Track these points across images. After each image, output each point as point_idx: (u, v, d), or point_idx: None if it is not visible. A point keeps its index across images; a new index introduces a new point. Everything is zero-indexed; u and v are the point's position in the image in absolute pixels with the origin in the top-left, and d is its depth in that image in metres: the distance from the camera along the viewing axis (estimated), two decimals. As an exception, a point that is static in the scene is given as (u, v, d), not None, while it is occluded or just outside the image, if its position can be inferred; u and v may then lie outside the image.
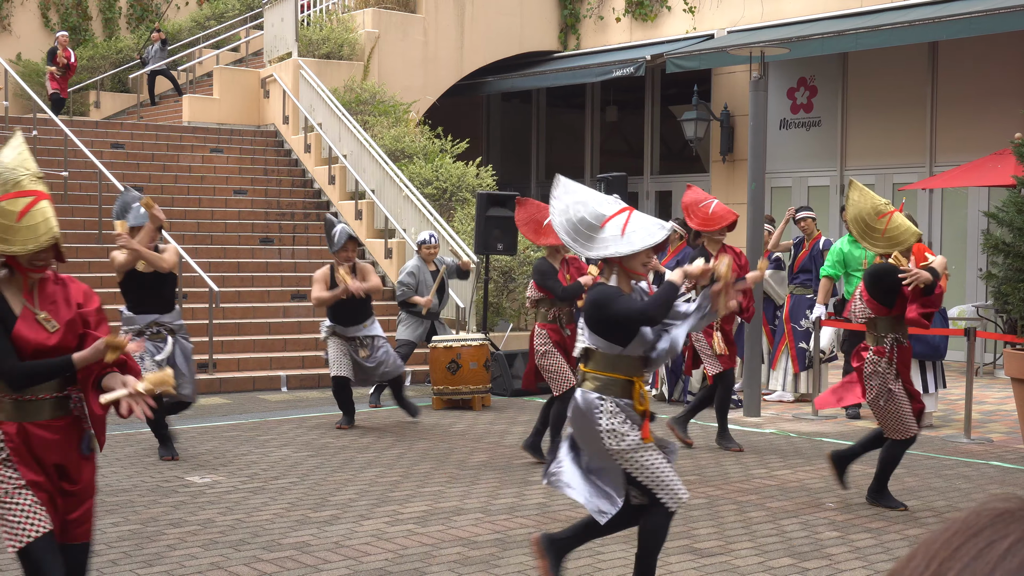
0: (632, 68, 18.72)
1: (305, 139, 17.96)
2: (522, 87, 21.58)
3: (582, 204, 4.94)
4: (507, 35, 21.01)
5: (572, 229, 4.94)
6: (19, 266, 4.10)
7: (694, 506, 7.17)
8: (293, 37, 18.85)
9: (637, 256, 4.90)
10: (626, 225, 4.88)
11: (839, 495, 7.52)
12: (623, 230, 4.86)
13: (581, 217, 4.91)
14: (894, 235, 6.90)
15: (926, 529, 6.68)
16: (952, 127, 16.55)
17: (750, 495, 7.54)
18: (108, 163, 15.91)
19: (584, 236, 4.92)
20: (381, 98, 18.74)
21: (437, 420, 10.73)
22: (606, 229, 4.89)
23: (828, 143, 18.03)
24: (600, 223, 4.90)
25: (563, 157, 23.63)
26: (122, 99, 24.13)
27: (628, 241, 4.85)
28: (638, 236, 4.85)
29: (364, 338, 9.98)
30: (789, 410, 11.55)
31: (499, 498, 7.38)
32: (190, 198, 16.42)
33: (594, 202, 4.95)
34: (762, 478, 8.12)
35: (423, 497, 7.35)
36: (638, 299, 4.97)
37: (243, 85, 19.77)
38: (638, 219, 4.92)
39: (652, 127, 21.15)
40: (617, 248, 4.85)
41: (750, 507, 7.18)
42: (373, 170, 16.48)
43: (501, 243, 12.80)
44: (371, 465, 8.45)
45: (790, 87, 18.46)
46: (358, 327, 9.96)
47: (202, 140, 18.24)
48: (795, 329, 11.96)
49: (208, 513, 6.88)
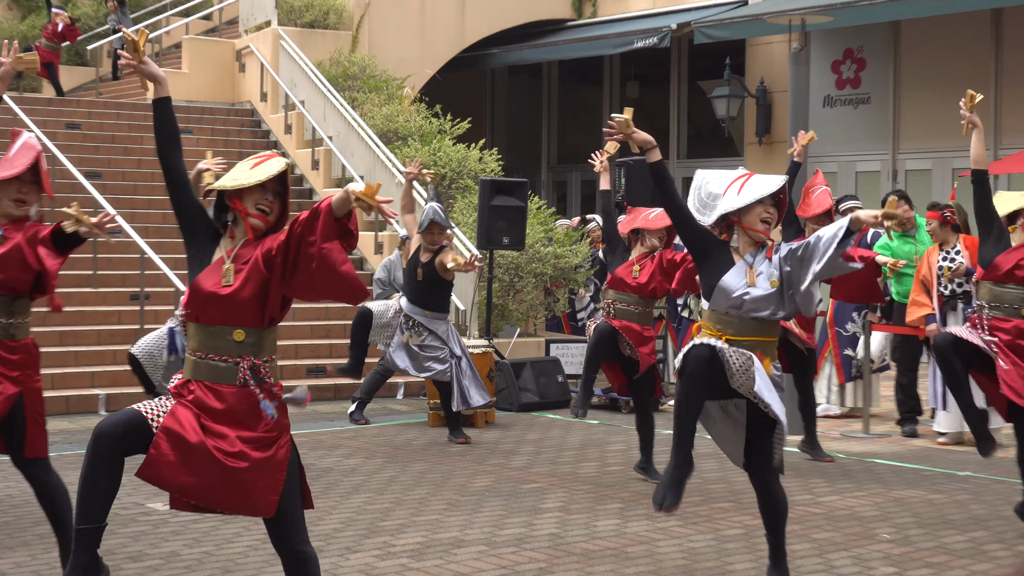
0: (656, 38, 18.64)
1: (285, 119, 17.89)
2: (531, 60, 21.51)
3: (711, 178, 5.70)
4: (514, 1, 20.94)
5: (698, 200, 5.68)
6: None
7: (729, 537, 7.08)
8: (272, 3, 18.80)
9: (752, 210, 5.50)
10: (744, 184, 5.54)
11: (896, 524, 7.42)
12: (740, 188, 5.52)
13: (708, 191, 5.65)
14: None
15: (995, 564, 6.59)
16: (1019, 105, 16.43)
17: (792, 525, 7.43)
18: (63, 146, 15.83)
19: (705, 205, 5.65)
20: (372, 72, 18.67)
21: (434, 438, 10.64)
22: (727, 193, 5.56)
23: (878, 123, 17.93)
24: (722, 190, 5.58)
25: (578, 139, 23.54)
26: (79, 73, 24.08)
27: (741, 197, 5.49)
28: (750, 190, 5.49)
29: (419, 322, 10.39)
30: (836, 426, 11.45)
31: (505, 528, 7.29)
32: (155, 185, 16.34)
33: (721, 176, 5.69)
34: (806, 505, 8.02)
35: (418, 527, 7.27)
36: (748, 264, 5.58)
37: (216, 58, 19.71)
38: (757, 178, 5.59)
39: (678, 105, 21.06)
40: (730, 203, 5.50)
41: (793, 538, 7.07)
42: (362, 154, 16.40)
43: (507, 236, 12.73)
44: (358, 490, 8.37)
45: (835, 60, 18.37)
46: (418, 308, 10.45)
47: (169, 120, 18.16)
48: (840, 334, 11.87)
49: (172, 545, 6.79)
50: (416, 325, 10.36)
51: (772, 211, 5.50)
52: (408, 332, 10.34)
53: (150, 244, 13.67)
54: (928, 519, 7.61)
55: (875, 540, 7.10)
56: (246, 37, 19.51)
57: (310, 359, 13.52)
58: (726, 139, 19.99)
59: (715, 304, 5.64)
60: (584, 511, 7.75)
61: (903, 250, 10.88)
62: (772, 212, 5.50)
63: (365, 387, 11.42)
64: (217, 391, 4.47)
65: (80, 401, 11.67)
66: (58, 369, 11.85)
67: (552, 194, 23.12)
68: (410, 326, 10.36)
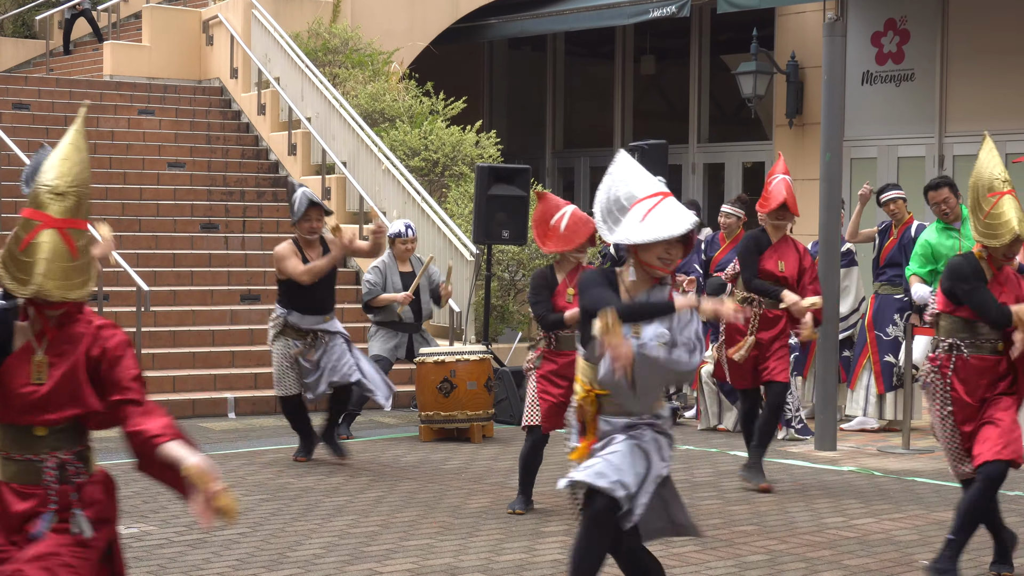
0: (674, 7, 18.70)
1: (259, 98, 17.98)
2: (534, 31, 21.55)
3: (624, 183, 5.31)
4: (515, -35, 21.02)
5: (605, 209, 5.31)
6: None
7: (751, 564, 7.18)
8: (243, -32, 18.88)
9: (652, 248, 5.18)
10: (651, 211, 5.19)
11: (936, 550, 7.50)
12: (645, 215, 5.18)
13: (617, 197, 5.29)
14: (991, 224, 6.85)
15: (1046, 593, 6.66)
16: (1081, 82, 16.50)
17: (822, 550, 7.54)
18: (9, 128, 15.96)
19: (612, 218, 5.28)
20: (355, 46, 18.77)
21: (426, 455, 10.73)
22: (631, 212, 5.21)
23: (923, 102, 17.99)
24: (630, 204, 5.23)
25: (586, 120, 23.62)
26: (27, 46, 24.21)
27: (643, 228, 5.16)
28: (655, 225, 5.15)
29: (321, 334, 9.97)
30: (873, 441, 11.55)
31: (503, 554, 7.38)
32: (113, 172, 16.46)
33: (637, 183, 5.29)
34: (838, 528, 8.11)
35: (408, 552, 7.36)
36: (616, 296, 5.22)
37: (180, 29, 19.80)
38: (667, 207, 5.20)
39: (699, 82, 21.13)
40: (629, 234, 5.18)
41: (823, 565, 7.17)
42: (345, 137, 16.50)
43: (507, 229, 12.81)
44: (342, 511, 8.46)
45: (875, 31, 18.43)
46: (319, 318, 9.97)
47: (128, 99, 18.27)
48: (880, 338, 11.96)
49: (135, 573, 6.87)
50: (316, 338, 10.01)
51: (675, 251, 5.21)
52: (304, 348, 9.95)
53: (108, 238, 13.76)
54: (972, 543, 7.67)
55: (913, 567, 7.18)
56: (214, 6, 19.60)
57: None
58: (752, 120, 20.05)
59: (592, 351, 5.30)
60: (592, 535, 7.83)
61: (945, 244, 10.92)
62: (675, 252, 5.21)
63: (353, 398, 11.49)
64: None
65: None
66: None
67: (558, 182, 23.20)
68: (309, 342, 9.99)
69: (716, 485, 9.44)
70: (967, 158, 17.62)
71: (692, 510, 8.45)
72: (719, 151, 20.72)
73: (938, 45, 17.86)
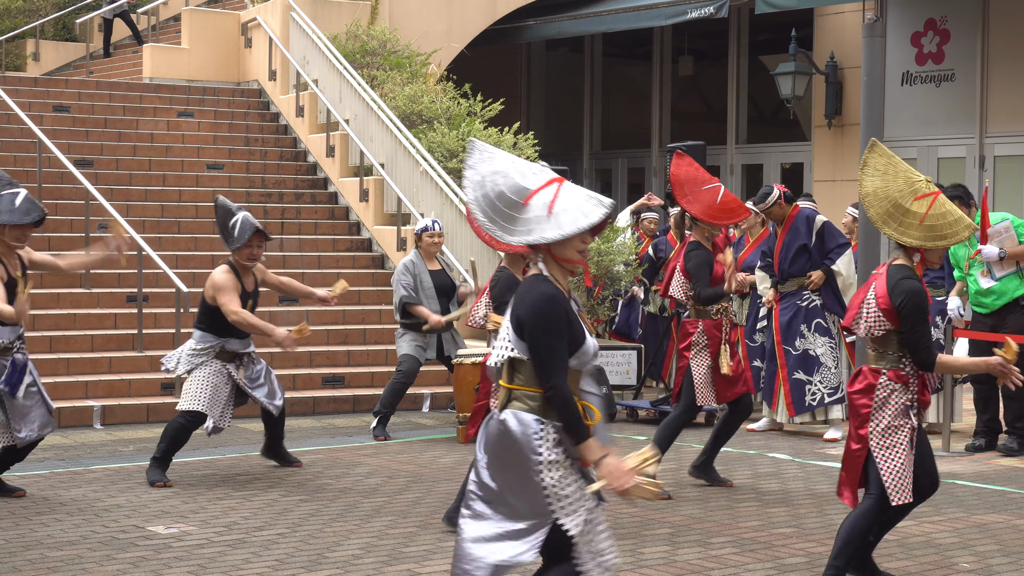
0: (712, 8, 18.69)
1: (297, 100, 18.05)
2: (572, 32, 21.58)
3: (502, 175, 4.91)
4: (553, -33, 21.04)
5: (490, 208, 4.91)
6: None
7: (791, 566, 7.16)
8: (282, -29, 18.95)
9: (569, 242, 4.87)
10: (554, 202, 4.84)
11: (977, 553, 7.48)
12: (550, 208, 4.83)
13: (500, 192, 4.89)
14: (936, 224, 6.62)
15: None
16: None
17: (862, 553, 7.52)
18: (49, 131, 16.05)
19: (504, 216, 4.89)
20: (393, 47, 18.81)
21: (463, 456, 10.74)
22: (530, 207, 4.86)
23: (964, 103, 17.92)
24: (523, 199, 4.86)
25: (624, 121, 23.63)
26: (67, 50, 24.37)
27: (556, 223, 4.82)
28: (568, 216, 4.81)
29: (246, 356, 9.93)
30: (913, 444, 11.49)
31: (542, 555, 7.39)
32: (152, 174, 16.55)
33: (516, 172, 4.91)
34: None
35: (446, 553, 7.37)
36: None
37: (219, 32, 19.89)
38: (569, 194, 4.87)
39: (738, 83, 21.10)
40: (543, 233, 4.83)
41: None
42: (383, 139, 16.54)
43: (545, 231, 12.80)
44: (380, 513, 8.49)
45: (915, 31, 18.37)
46: (247, 341, 9.92)
47: (168, 101, 18.36)
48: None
49: (175, 572, 6.92)
50: (248, 359, 9.92)
51: (589, 238, 4.92)
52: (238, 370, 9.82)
53: (148, 240, 13.86)
54: (1014, 547, 7.67)
55: (954, 570, 7.15)
56: (253, 8, 19.68)
57: (326, 368, 13.66)
58: (791, 121, 20.02)
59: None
60: (629, 536, 7.84)
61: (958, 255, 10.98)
62: (588, 239, 4.93)
63: (385, 399, 11.54)
64: None
65: (73, 414, 11.86)
66: (48, 378, 12.04)
67: (596, 183, 23.21)
68: (241, 363, 9.85)
69: (755, 487, 9.42)
70: (1008, 159, 17.55)
71: (730, 512, 8.48)
72: (758, 152, 20.68)
73: (979, 45, 17.78)
